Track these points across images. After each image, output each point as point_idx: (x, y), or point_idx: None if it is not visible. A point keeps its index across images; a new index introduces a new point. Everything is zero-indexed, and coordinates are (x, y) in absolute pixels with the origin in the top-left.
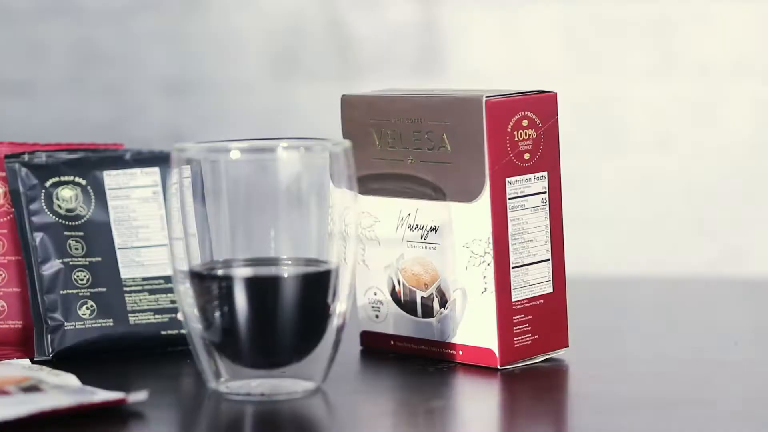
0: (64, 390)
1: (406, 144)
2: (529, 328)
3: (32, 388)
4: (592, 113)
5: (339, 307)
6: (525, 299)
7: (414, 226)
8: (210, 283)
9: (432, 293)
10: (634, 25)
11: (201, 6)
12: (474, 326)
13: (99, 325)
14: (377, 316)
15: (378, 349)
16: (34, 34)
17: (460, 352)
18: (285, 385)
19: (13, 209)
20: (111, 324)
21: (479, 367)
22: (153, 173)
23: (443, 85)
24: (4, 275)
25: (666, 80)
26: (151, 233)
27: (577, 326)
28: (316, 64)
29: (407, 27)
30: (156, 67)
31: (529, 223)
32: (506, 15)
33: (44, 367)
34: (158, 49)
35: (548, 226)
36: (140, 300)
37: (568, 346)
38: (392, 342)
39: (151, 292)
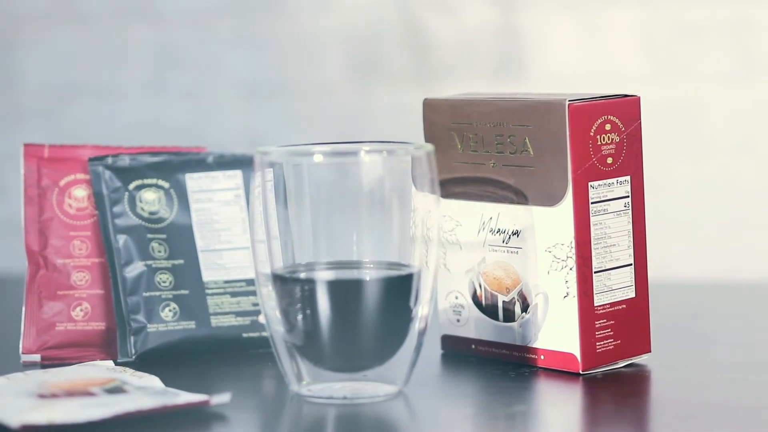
0: (147, 391)
1: (488, 148)
2: (612, 333)
3: (116, 390)
4: (672, 117)
5: (421, 310)
6: (607, 304)
7: (496, 230)
8: (292, 286)
9: (514, 297)
10: (714, 27)
11: (279, 9)
12: (556, 331)
13: (181, 327)
14: (458, 320)
15: (459, 353)
16: (114, 38)
17: (542, 357)
18: (367, 388)
19: (96, 211)
20: (193, 326)
21: (561, 371)
22: (235, 176)
23: (522, 88)
24: (87, 277)
25: (746, 83)
26: (233, 236)
27: (659, 331)
28: (395, 67)
29: (485, 30)
30: (235, 69)
31: (611, 228)
32: (585, 18)
33: (127, 368)
34: (237, 52)
35: (631, 230)
36: (222, 302)
37: (650, 352)
38: (473, 346)
39: (233, 294)
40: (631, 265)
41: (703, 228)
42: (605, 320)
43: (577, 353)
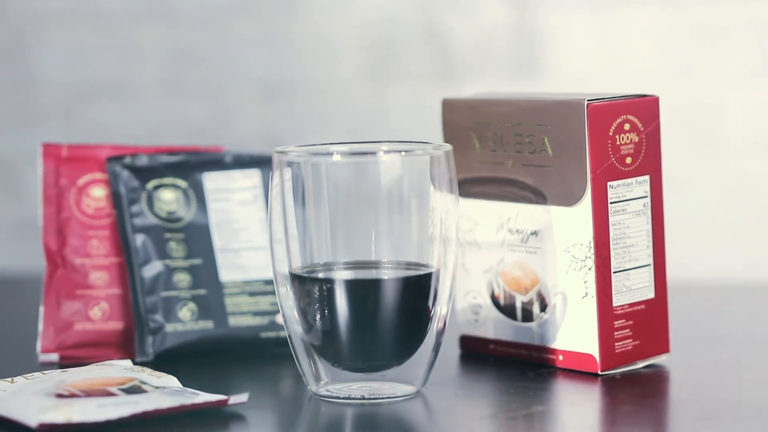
0: (166, 391)
1: (507, 147)
2: (630, 333)
3: (135, 389)
4: (690, 117)
5: (439, 310)
6: (626, 304)
7: (514, 230)
8: (310, 286)
9: (532, 297)
10: (732, 27)
11: (297, 8)
12: (574, 331)
13: (199, 327)
14: (477, 320)
15: (477, 353)
16: (131, 38)
17: (560, 357)
18: (385, 388)
19: (114, 211)
20: (211, 326)
21: (579, 372)
22: (253, 176)
23: (540, 88)
24: (105, 277)
25: (765, 83)
26: (251, 236)
27: (678, 332)
28: (414, 67)
29: (503, 30)
30: (252, 69)
31: (630, 228)
32: (602, 18)
33: (145, 368)
34: (254, 52)
35: (650, 230)
36: (240, 302)
37: (669, 352)
38: (491, 346)
39: (251, 294)
40: (650, 265)
41: (722, 228)
42: (624, 320)
43: (596, 354)
